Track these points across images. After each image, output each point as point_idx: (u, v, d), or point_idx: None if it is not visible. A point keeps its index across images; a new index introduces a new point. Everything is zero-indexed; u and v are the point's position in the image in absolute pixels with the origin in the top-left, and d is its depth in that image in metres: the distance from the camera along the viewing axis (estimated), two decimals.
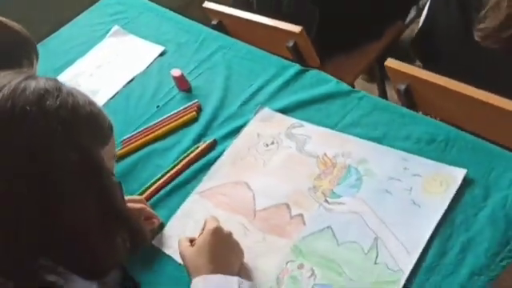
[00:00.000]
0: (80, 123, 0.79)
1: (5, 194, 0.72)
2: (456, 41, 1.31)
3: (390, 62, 1.34)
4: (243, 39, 1.63)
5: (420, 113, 1.52)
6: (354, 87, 1.94)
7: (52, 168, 0.74)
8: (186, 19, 1.68)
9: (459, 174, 0.97)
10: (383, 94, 2.07)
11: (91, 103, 0.84)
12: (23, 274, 0.75)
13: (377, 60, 1.89)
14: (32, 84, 0.77)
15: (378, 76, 2.07)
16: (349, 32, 1.76)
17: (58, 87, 0.79)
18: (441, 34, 1.36)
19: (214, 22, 1.79)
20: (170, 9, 1.77)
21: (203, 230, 0.99)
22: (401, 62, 1.32)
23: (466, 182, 0.96)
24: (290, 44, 1.60)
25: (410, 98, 1.37)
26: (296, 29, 1.56)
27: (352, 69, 1.85)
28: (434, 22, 1.38)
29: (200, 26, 1.63)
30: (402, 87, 1.35)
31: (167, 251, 1.08)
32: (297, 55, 1.63)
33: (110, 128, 0.88)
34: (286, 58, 1.57)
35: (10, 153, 0.72)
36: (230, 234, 0.98)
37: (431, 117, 1.53)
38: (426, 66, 1.40)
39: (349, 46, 1.84)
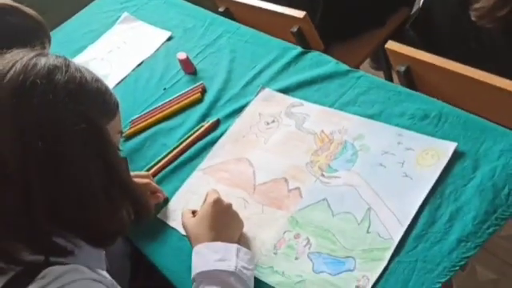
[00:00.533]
0: (87, 97, 0.83)
1: (16, 160, 0.76)
2: (454, 21, 1.34)
3: (390, 44, 1.37)
4: (249, 25, 1.67)
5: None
6: None
7: (60, 136, 0.78)
8: (193, 5, 1.73)
9: (450, 147, 1.01)
10: (390, 81, 2.09)
11: (98, 80, 0.89)
12: (34, 235, 0.80)
13: (382, 47, 1.91)
14: (42, 60, 0.82)
15: (384, 63, 2.09)
16: (352, 18, 1.79)
17: (67, 63, 0.84)
18: (439, 15, 1.39)
19: (221, 9, 1.83)
20: None
21: (205, 202, 1.03)
22: (400, 44, 1.35)
23: (457, 155, 0.99)
24: (294, 29, 1.63)
25: (410, 79, 1.40)
26: (300, 14, 1.59)
27: (355, 55, 1.88)
28: (432, 4, 1.40)
29: (206, 11, 1.68)
30: (402, 69, 1.38)
31: (171, 224, 1.14)
32: (301, 40, 1.66)
33: (116, 104, 0.92)
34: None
35: (21, 122, 0.77)
36: (229, 205, 1.02)
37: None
38: (426, 47, 1.42)
39: (352, 33, 1.87)
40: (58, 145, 0.78)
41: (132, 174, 1.14)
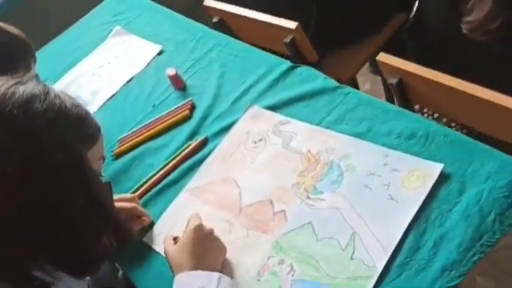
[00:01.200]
0: (67, 124, 0.83)
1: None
2: (446, 33, 1.30)
3: (382, 57, 1.34)
4: (243, 36, 1.64)
5: (417, 106, 1.53)
6: (355, 80, 1.95)
7: (39, 166, 0.78)
8: (185, 18, 1.71)
9: (436, 168, 0.98)
10: (388, 87, 2.05)
11: (78, 106, 0.88)
12: (11, 266, 0.79)
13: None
14: (21, 89, 0.81)
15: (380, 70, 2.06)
16: (347, 26, 1.76)
17: (46, 91, 0.84)
18: (431, 26, 1.36)
19: (215, 20, 1.81)
20: (178, 11, 1.79)
21: (186, 228, 1.02)
22: (392, 57, 1.33)
23: (443, 177, 0.96)
24: (288, 40, 1.61)
25: (403, 91, 1.38)
26: (292, 25, 1.57)
27: (352, 63, 1.85)
28: (425, 14, 1.37)
29: (198, 24, 1.66)
30: (394, 81, 1.36)
31: (156, 248, 1.12)
32: (294, 51, 1.64)
33: (97, 129, 0.91)
34: (286, 55, 1.59)
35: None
36: (211, 232, 1.00)
37: (427, 111, 1.53)
38: (419, 58, 1.39)
39: (348, 41, 1.84)
40: (38, 170, 0.78)
41: (117, 197, 1.13)
